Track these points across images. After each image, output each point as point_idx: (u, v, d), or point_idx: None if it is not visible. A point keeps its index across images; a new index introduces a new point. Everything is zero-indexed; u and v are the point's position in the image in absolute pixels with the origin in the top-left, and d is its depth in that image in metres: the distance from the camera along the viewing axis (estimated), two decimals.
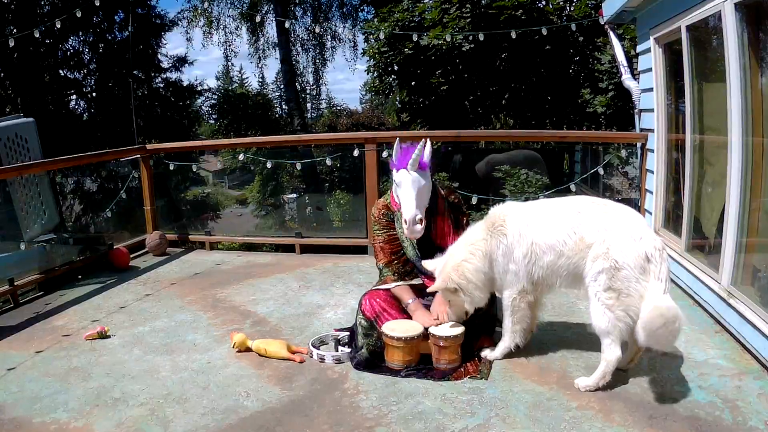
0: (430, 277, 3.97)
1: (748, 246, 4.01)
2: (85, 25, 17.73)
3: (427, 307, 3.89)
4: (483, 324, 3.89)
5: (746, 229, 3.98)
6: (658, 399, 3.24)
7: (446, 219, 4.02)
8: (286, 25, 17.62)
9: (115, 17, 18.45)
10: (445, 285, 3.56)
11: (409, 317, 3.84)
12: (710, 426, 2.96)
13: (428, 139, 3.82)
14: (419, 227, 3.70)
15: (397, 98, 14.60)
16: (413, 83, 13.85)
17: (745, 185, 3.94)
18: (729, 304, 3.98)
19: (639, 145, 6.32)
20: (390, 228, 4.08)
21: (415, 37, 11.82)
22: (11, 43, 8.91)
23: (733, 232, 4.00)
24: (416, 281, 4.05)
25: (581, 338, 4.05)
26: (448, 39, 11.41)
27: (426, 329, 3.68)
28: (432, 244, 4.01)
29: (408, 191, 3.72)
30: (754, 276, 3.99)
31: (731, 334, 3.99)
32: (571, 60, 13.39)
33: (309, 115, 30.41)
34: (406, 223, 3.71)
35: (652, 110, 5.81)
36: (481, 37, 9.53)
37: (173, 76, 20.50)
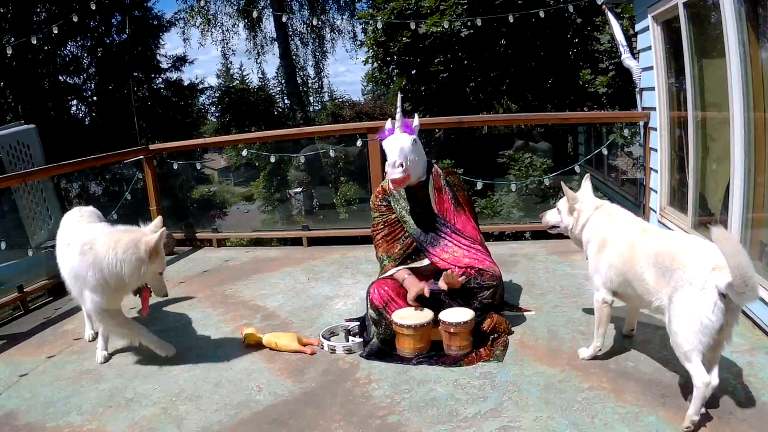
0: (435, 254, 3.99)
1: (755, 221, 4.00)
2: (82, 30, 17.76)
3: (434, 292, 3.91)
4: (491, 306, 3.90)
5: (752, 204, 3.96)
6: (669, 377, 3.24)
7: (444, 195, 4.15)
8: (284, 19, 17.57)
9: (112, 20, 18.46)
10: None
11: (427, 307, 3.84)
12: (723, 402, 2.96)
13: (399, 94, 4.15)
14: (398, 171, 3.82)
15: (398, 88, 14.56)
16: (413, 72, 13.81)
17: (748, 160, 3.92)
18: None
19: (642, 123, 6.30)
20: (389, 212, 4.19)
21: (412, 25, 11.78)
22: (9, 51, 8.93)
23: (738, 207, 3.99)
24: (424, 263, 4.08)
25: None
26: (446, 26, 11.35)
27: (436, 316, 3.69)
28: (433, 214, 4.10)
29: (391, 144, 3.90)
30: (762, 251, 3.98)
31: (741, 310, 3.98)
32: (570, 41, 13.32)
33: (311, 109, 30.36)
34: (388, 168, 3.87)
35: (653, 89, 5.79)
36: (478, 22, 9.46)
37: (173, 76, 20.59)
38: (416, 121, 4.08)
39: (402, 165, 3.83)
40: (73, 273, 3.72)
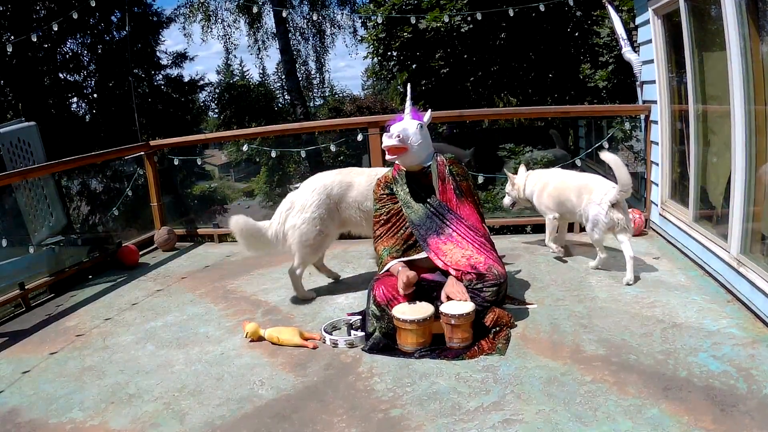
0: (434, 247, 4.00)
1: (756, 214, 3.99)
2: (82, 27, 17.75)
3: (438, 284, 3.92)
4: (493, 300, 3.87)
5: (753, 196, 3.96)
6: (672, 370, 3.23)
7: (448, 184, 4.20)
8: (283, 14, 17.54)
9: (112, 17, 18.45)
10: None
11: (422, 300, 3.84)
12: (725, 395, 2.96)
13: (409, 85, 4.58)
14: (394, 139, 4.00)
15: (399, 83, 14.56)
16: (414, 66, 13.80)
17: (749, 153, 3.92)
18: (739, 273, 3.97)
19: (642, 117, 6.29)
20: (391, 202, 4.29)
21: (413, 20, 11.75)
22: (9, 49, 8.92)
23: (740, 200, 3.98)
24: (420, 256, 4.09)
25: (592, 312, 4.05)
26: (446, 20, 11.35)
27: (437, 309, 3.69)
28: (436, 200, 4.18)
29: (396, 124, 4.12)
30: (764, 244, 3.98)
31: (743, 302, 3.98)
32: (570, 35, 13.30)
33: (312, 104, 30.36)
34: (384, 137, 4.06)
35: (653, 82, 5.78)
36: (478, 16, 9.46)
37: (174, 72, 20.60)
38: (428, 115, 4.33)
39: (399, 136, 3.98)
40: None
